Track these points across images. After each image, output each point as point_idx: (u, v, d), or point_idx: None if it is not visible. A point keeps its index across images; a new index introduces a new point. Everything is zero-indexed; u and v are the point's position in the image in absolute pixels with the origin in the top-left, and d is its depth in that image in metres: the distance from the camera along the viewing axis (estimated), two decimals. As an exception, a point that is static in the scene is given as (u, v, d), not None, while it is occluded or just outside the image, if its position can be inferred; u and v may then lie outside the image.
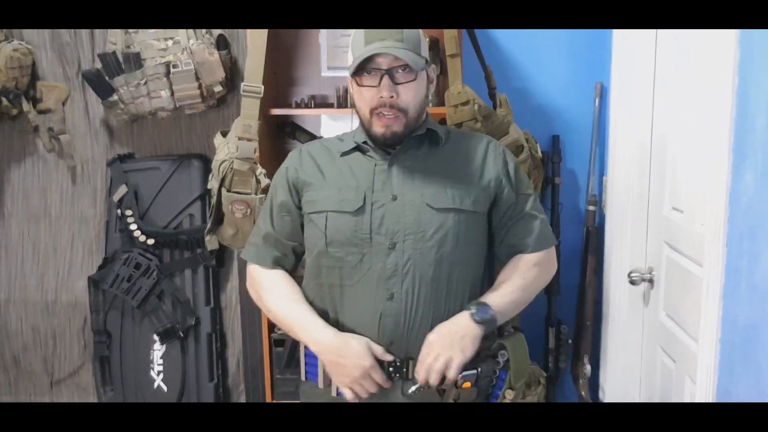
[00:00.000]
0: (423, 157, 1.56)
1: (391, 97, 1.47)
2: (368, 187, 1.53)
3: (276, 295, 1.59)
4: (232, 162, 2.03)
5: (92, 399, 2.66)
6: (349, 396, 1.47)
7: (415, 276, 1.48)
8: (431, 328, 1.47)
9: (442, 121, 2.23)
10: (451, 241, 1.50)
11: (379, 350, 1.47)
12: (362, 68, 1.48)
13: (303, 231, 1.62)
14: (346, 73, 1.53)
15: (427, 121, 1.59)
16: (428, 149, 1.58)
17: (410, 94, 1.49)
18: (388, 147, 1.55)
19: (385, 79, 1.46)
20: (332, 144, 1.63)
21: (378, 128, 1.51)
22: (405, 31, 1.48)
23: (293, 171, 1.61)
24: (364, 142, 1.56)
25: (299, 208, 1.61)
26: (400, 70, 1.47)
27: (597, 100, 2.41)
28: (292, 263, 1.66)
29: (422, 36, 1.53)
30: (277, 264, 1.62)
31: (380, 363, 1.48)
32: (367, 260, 1.50)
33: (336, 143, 1.63)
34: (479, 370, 1.45)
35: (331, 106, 2.40)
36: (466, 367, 1.44)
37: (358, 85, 1.50)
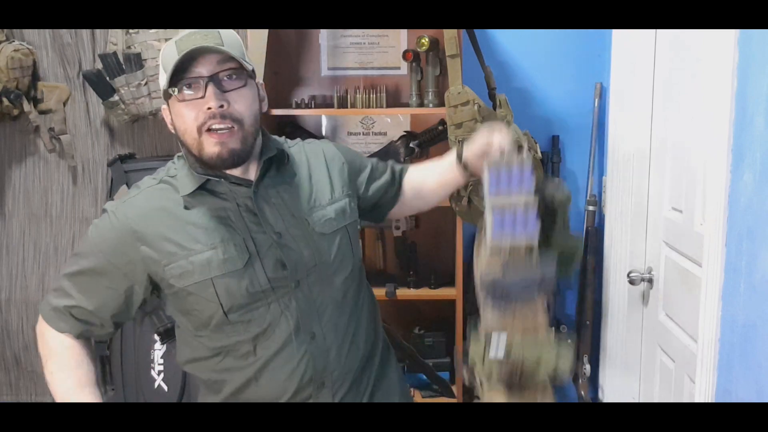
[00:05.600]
0: (283, 179, 1.37)
1: (221, 106, 1.23)
2: (245, 233, 1.30)
3: (65, 374, 1.38)
4: (233, 162, 2.03)
5: (93, 399, 2.66)
6: None
7: (329, 307, 1.36)
8: (353, 350, 1.39)
9: (442, 122, 2.24)
10: (348, 258, 1.39)
11: None
12: (179, 79, 1.23)
13: (133, 304, 1.37)
14: (347, 73, 1.41)
15: (272, 140, 1.39)
16: (281, 171, 1.38)
17: (243, 103, 1.27)
18: (228, 170, 1.31)
19: (211, 87, 1.23)
20: (168, 194, 1.33)
21: (211, 148, 1.25)
22: (223, 32, 1.26)
23: (131, 238, 1.31)
24: (206, 178, 1.29)
25: (137, 280, 1.34)
26: (226, 78, 1.26)
27: (596, 100, 2.42)
28: (108, 333, 1.43)
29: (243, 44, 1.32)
30: (82, 336, 1.39)
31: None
32: (275, 308, 1.32)
33: (169, 192, 1.33)
34: None
35: (331, 106, 2.40)
36: None
37: (178, 101, 1.26)
